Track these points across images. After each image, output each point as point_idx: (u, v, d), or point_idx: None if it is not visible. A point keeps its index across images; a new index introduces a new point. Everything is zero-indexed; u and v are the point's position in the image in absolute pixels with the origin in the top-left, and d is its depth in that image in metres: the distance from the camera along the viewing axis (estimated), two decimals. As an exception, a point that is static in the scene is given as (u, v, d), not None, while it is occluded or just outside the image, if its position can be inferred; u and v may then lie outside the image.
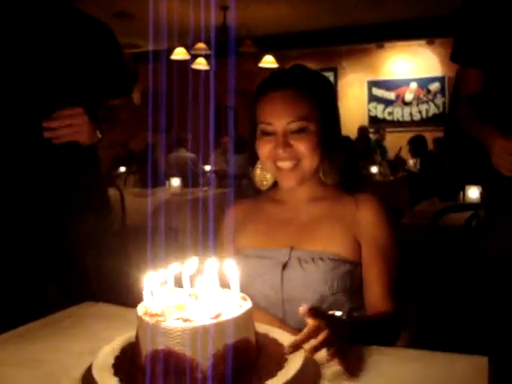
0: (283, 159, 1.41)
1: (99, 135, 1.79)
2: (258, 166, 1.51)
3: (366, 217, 1.42)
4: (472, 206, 2.60)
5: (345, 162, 1.47)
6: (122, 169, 7.24)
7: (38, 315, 1.39)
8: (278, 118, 1.40)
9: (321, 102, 1.44)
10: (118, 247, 2.20)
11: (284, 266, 1.37)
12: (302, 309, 1.01)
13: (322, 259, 1.35)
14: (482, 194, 1.85)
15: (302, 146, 1.40)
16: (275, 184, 1.54)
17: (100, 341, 1.08)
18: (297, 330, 1.14)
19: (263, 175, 1.52)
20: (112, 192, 4.08)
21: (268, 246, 1.44)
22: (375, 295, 1.37)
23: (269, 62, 8.16)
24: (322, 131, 1.43)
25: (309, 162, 1.41)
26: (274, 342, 1.03)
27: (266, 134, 1.43)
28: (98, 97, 1.94)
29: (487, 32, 1.67)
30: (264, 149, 1.43)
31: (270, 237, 1.46)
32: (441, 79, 9.95)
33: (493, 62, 1.69)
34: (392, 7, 7.79)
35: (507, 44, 1.64)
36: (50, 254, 1.87)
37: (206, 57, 7.84)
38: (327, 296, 1.33)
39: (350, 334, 1.08)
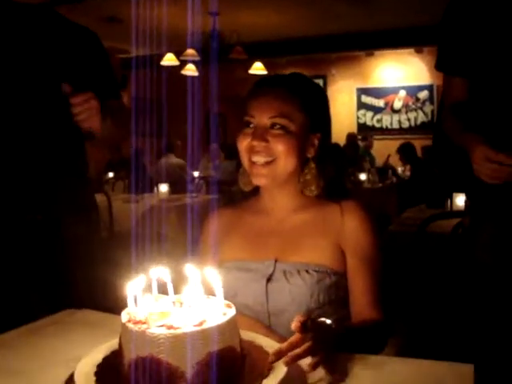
0: (257, 153, 1.38)
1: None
2: (243, 168, 1.48)
3: (352, 225, 1.40)
4: (459, 213, 2.60)
5: (331, 174, 1.45)
6: (111, 174, 7.21)
7: (21, 322, 1.37)
8: (261, 111, 1.39)
9: (310, 110, 1.42)
10: (105, 253, 2.19)
11: (269, 279, 1.35)
12: (294, 326, 1.00)
13: (307, 271, 1.33)
14: (466, 201, 1.86)
15: (278, 145, 1.37)
16: (257, 192, 1.52)
17: (83, 348, 1.07)
18: (283, 338, 1.14)
19: (246, 177, 1.48)
20: (100, 198, 4.06)
21: (251, 259, 1.41)
22: (361, 305, 1.35)
23: (258, 68, 8.16)
24: (305, 137, 1.42)
25: (283, 162, 1.38)
26: (260, 349, 1.02)
27: (247, 126, 1.42)
28: None
29: (470, 41, 1.68)
30: (242, 141, 1.42)
31: (253, 249, 1.44)
32: (429, 87, 10.01)
33: (476, 70, 1.70)
34: (381, 16, 7.85)
35: (490, 53, 1.65)
36: (35, 258, 1.86)
37: (196, 63, 7.84)
38: (313, 309, 1.31)
39: (336, 342, 1.08)
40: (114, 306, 1.31)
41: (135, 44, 8.22)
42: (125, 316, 0.93)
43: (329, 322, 1.10)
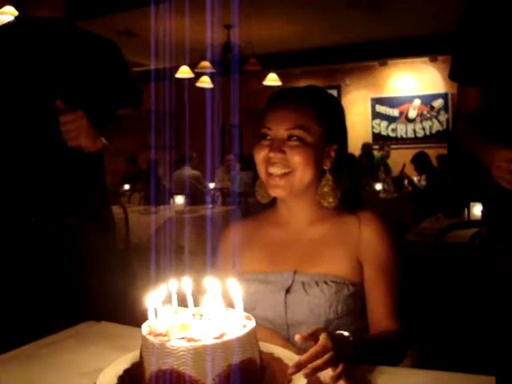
0: (274, 164, 1.38)
1: (105, 141, 1.78)
2: (260, 181, 1.48)
3: (369, 236, 1.40)
4: (476, 222, 2.58)
5: (348, 185, 1.45)
6: (127, 186, 7.25)
7: (40, 335, 1.38)
8: (278, 123, 1.40)
9: (327, 122, 1.43)
10: (122, 265, 2.20)
11: (287, 291, 1.36)
12: (298, 337, 1.00)
13: (325, 282, 1.34)
14: (482, 211, 1.84)
15: (295, 156, 1.37)
16: (275, 204, 1.52)
17: (103, 360, 1.08)
18: (301, 349, 1.14)
19: (263, 189, 1.48)
20: (116, 210, 4.08)
21: (270, 271, 1.42)
22: (379, 315, 1.35)
23: (272, 79, 8.19)
24: (321, 149, 1.42)
25: (300, 173, 1.38)
26: (279, 361, 1.02)
27: (264, 138, 1.42)
28: (108, 106, 1.97)
29: (485, 50, 1.67)
30: (259, 153, 1.42)
31: (272, 261, 1.44)
32: (444, 96, 9.97)
33: (491, 80, 1.69)
34: (394, 25, 7.85)
35: (505, 62, 1.64)
36: (53, 269, 1.87)
37: (211, 75, 7.89)
38: (332, 320, 1.31)
39: (355, 354, 1.07)
40: (133, 317, 1.32)
41: (151, 57, 8.29)
42: (145, 328, 0.94)
43: (346, 334, 1.10)
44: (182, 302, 1.00)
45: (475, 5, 1.72)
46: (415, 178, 7.83)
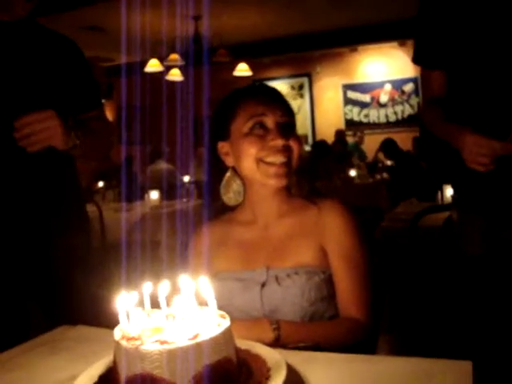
0: (277, 152, 1.37)
1: (76, 141, 1.73)
2: (226, 182, 1.48)
3: (330, 222, 1.41)
4: (449, 206, 2.61)
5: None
6: (101, 184, 7.16)
7: (18, 335, 1.35)
8: (272, 109, 1.39)
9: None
10: (98, 264, 2.17)
11: (262, 285, 1.37)
12: None
13: (296, 273, 1.35)
14: (452, 194, 1.86)
15: (296, 144, 1.40)
16: (240, 204, 1.52)
17: (79, 366, 1.06)
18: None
19: (231, 190, 1.49)
20: (90, 208, 4.03)
21: (244, 269, 1.43)
22: (346, 303, 1.37)
23: (243, 69, 8.16)
24: None
25: (295, 160, 1.41)
26: (256, 358, 1.01)
27: (258, 127, 1.39)
28: (69, 110, 1.91)
29: (447, 32, 1.68)
30: (255, 145, 1.39)
31: (245, 259, 1.45)
32: (414, 80, 10.02)
33: (454, 62, 1.70)
34: (362, 11, 7.86)
35: (467, 45, 1.64)
36: (30, 270, 1.84)
37: (180, 68, 7.82)
38: (306, 307, 1.33)
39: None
40: (109, 319, 1.30)
41: (119, 52, 8.19)
42: (118, 333, 0.92)
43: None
44: (156, 304, 0.99)
45: None
46: (389, 162, 7.88)
